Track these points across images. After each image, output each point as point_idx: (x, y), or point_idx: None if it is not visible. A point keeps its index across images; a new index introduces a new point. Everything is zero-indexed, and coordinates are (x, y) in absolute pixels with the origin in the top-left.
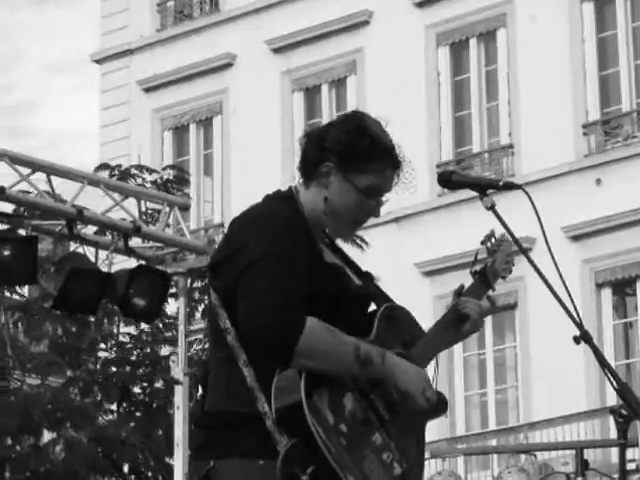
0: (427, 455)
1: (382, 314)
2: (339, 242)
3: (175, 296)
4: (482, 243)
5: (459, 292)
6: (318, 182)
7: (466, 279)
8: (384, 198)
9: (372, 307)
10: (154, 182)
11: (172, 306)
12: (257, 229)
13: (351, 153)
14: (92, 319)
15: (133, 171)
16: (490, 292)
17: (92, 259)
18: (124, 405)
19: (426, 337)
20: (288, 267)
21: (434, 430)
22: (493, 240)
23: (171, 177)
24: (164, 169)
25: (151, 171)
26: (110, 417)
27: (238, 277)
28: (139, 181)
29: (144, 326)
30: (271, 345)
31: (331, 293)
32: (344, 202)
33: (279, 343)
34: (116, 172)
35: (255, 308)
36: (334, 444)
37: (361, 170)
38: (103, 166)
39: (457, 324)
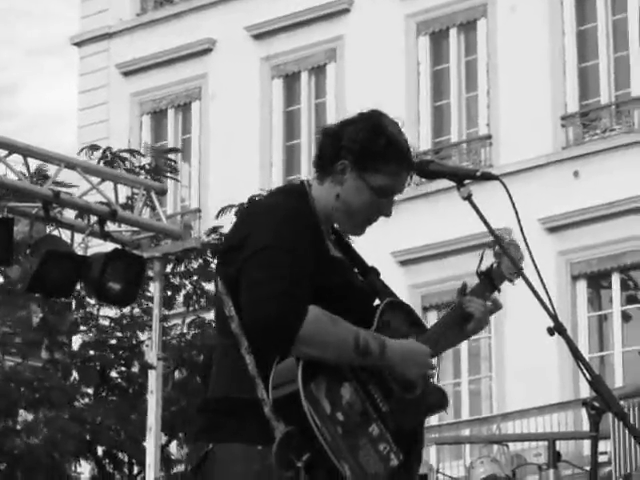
0: None
1: (383, 308)
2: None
3: (151, 280)
4: (489, 246)
5: (463, 291)
6: (333, 178)
7: (441, 269)
8: (395, 198)
9: (377, 302)
10: (142, 167)
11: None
12: (262, 220)
13: (367, 152)
14: (73, 301)
15: (124, 155)
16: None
17: (68, 242)
18: (101, 389)
19: (428, 333)
20: (290, 258)
21: None
22: (505, 240)
23: (160, 163)
24: (152, 151)
25: (141, 155)
26: (87, 400)
27: (241, 266)
28: (128, 165)
29: (125, 310)
30: (272, 334)
31: (336, 286)
32: (357, 200)
33: (280, 332)
34: (108, 155)
35: (256, 298)
36: (330, 432)
37: (376, 170)
38: (93, 147)
39: (461, 323)
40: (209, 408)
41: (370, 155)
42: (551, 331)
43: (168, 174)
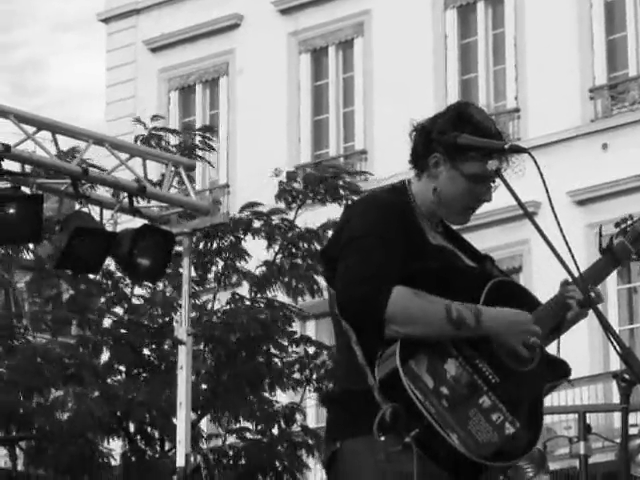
0: None
1: (490, 287)
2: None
3: (180, 256)
4: (617, 225)
5: (565, 282)
6: (429, 173)
7: (472, 242)
8: (496, 183)
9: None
10: (178, 145)
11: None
12: (358, 211)
13: (455, 142)
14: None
15: (161, 134)
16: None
17: (97, 218)
18: (134, 367)
19: (535, 314)
20: (379, 243)
21: None
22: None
23: (197, 141)
24: (190, 131)
25: (178, 133)
26: (119, 377)
27: (339, 254)
28: (163, 144)
29: (158, 288)
30: (361, 315)
31: (436, 270)
32: (453, 190)
33: (368, 313)
34: (143, 133)
35: (346, 282)
36: (434, 405)
37: (466, 157)
38: (137, 120)
39: (562, 310)
40: (332, 402)
41: (459, 144)
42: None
43: (203, 153)
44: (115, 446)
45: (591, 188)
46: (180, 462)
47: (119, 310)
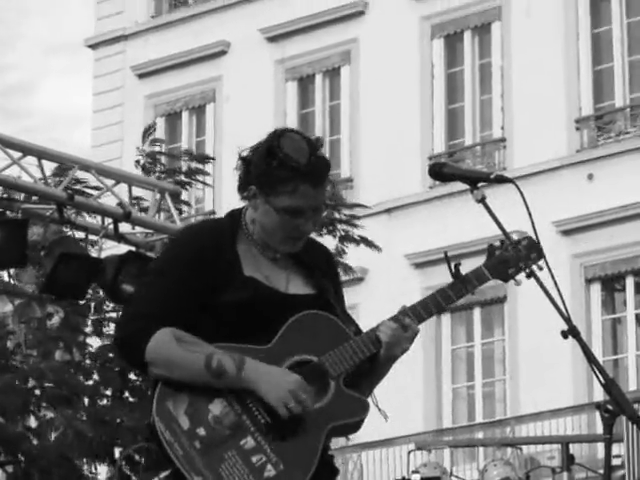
0: (412, 447)
1: (293, 322)
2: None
3: None
4: (489, 247)
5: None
6: (249, 203)
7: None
8: (323, 210)
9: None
10: (173, 170)
11: None
12: (168, 245)
13: (264, 176)
14: (92, 304)
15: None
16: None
17: (82, 244)
18: (120, 391)
19: (345, 347)
20: (166, 281)
21: (420, 422)
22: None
23: (191, 167)
24: (184, 156)
25: (173, 157)
26: (105, 402)
27: None
28: (158, 168)
29: None
30: (122, 354)
31: (245, 301)
32: (269, 223)
33: (127, 352)
34: (143, 159)
35: (121, 316)
36: (184, 447)
37: (276, 192)
38: (153, 143)
39: (375, 347)
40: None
41: (267, 178)
42: (565, 334)
43: (200, 179)
44: (101, 471)
45: (576, 218)
46: None
47: (102, 333)
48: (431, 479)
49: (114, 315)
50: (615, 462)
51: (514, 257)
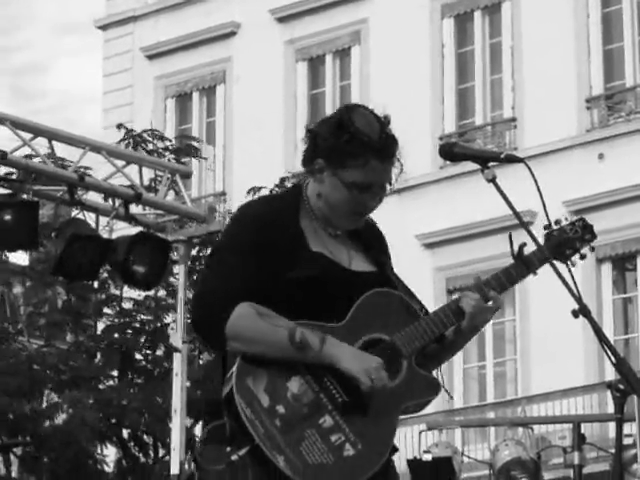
0: (424, 427)
1: (363, 300)
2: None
3: (176, 263)
4: (545, 227)
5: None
6: (314, 178)
7: (466, 251)
8: (388, 188)
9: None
10: (166, 149)
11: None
12: (229, 224)
13: (334, 149)
14: (96, 283)
15: (146, 137)
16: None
17: (93, 225)
18: (126, 372)
19: (416, 325)
20: (235, 259)
21: (432, 402)
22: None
23: (182, 146)
24: (176, 138)
25: (164, 139)
26: (111, 383)
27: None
28: (151, 147)
29: (150, 292)
30: (201, 330)
31: (313, 278)
32: (336, 197)
33: (207, 328)
34: (129, 138)
35: (195, 295)
36: (264, 424)
37: (345, 166)
38: (120, 125)
39: (456, 318)
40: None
41: (337, 152)
42: (576, 314)
43: (192, 156)
44: (109, 452)
45: (587, 198)
46: (174, 470)
47: (108, 313)
48: (442, 459)
49: (117, 294)
50: (627, 441)
51: (571, 239)
